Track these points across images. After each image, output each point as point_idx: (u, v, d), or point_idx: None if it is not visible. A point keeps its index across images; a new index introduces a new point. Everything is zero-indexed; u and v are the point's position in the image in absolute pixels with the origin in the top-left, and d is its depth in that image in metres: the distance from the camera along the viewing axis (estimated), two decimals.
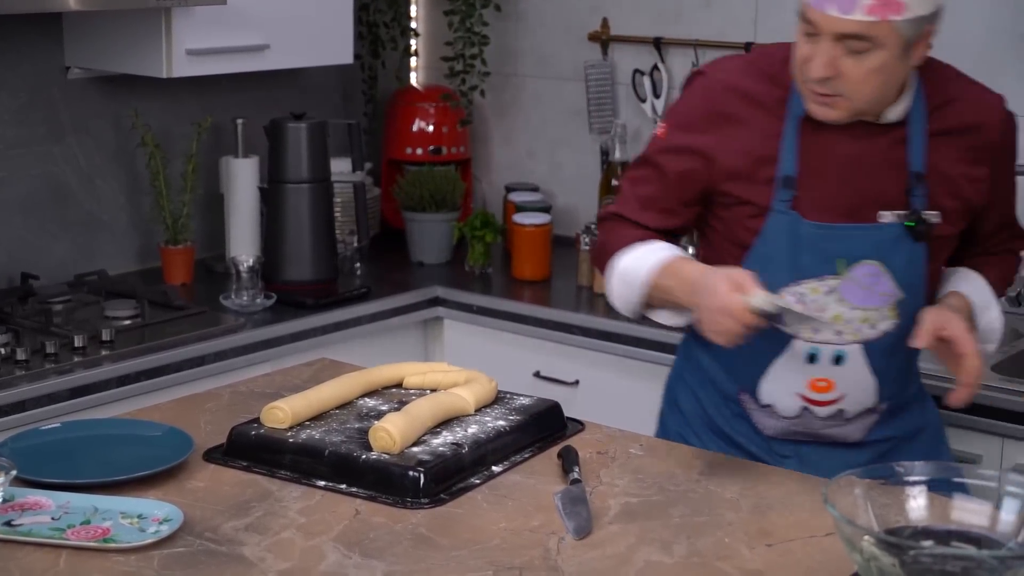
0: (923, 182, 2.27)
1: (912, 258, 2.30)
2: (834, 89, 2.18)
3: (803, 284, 2.29)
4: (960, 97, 2.32)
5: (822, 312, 2.28)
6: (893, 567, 1.56)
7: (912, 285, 2.31)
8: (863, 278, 2.28)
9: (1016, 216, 2.49)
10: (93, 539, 1.87)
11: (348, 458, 2.10)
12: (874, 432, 2.41)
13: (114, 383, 2.98)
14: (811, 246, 2.28)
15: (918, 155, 2.27)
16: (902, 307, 2.31)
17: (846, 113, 2.22)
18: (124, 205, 3.69)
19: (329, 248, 3.59)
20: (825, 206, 2.27)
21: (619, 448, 2.27)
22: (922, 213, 2.28)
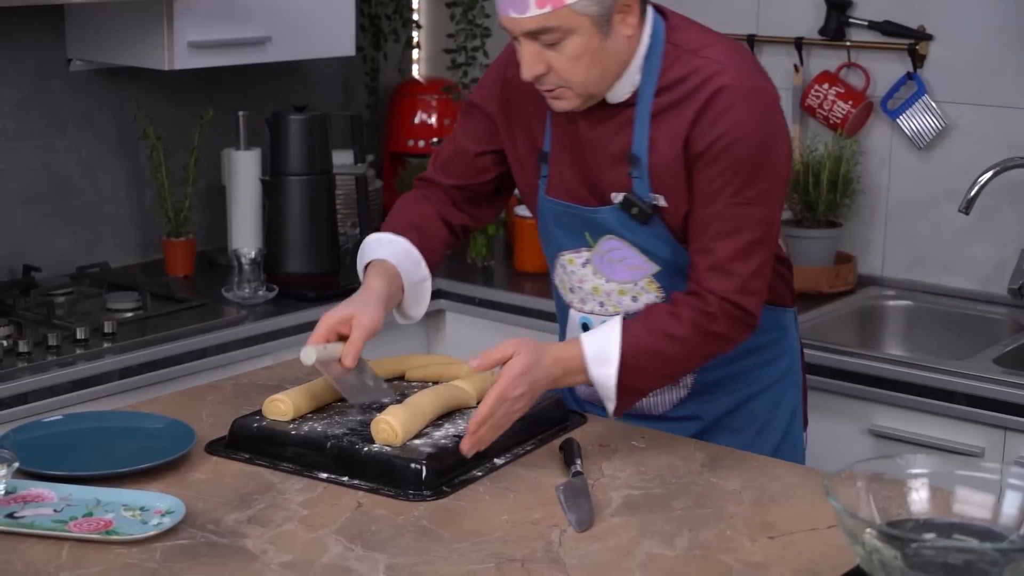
0: (641, 165, 2.22)
1: (653, 236, 2.25)
2: (552, 83, 2.17)
3: (562, 255, 2.36)
4: (697, 75, 2.19)
5: (583, 283, 2.33)
6: (895, 560, 1.56)
7: (665, 260, 2.27)
8: (611, 252, 2.29)
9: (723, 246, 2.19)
10: (95, 531, 1.87)
11: (350, 451, 2.10)
12: (679, 409, 2.39)
13: (116, 375, 2.98)
14: (556, 221, 2.34)
15: (640, 136, 2.22)
16: (663, 281, 2.29)
17: (579, 101, 2.19)
18: (126, 197, 3.69)
19: (331, 240, 3.59)
20: (566, 185, 2.31)
21: (621, 440, 2.27)
22: (634, 197, 2.22)
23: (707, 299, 2.18)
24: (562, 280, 2.40)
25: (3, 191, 3.43)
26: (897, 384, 2.96)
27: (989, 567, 1.56)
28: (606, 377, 2.17)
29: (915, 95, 3.47)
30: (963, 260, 3.49)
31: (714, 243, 2.18)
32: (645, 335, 2.17)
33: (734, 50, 2.24)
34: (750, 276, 2.19)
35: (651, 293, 2.30)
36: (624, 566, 1.83)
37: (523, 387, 2.10)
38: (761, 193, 2.18)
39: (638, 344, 2.16)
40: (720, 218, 2.18)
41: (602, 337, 2.18)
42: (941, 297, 3.47)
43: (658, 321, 2.19)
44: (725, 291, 2.18)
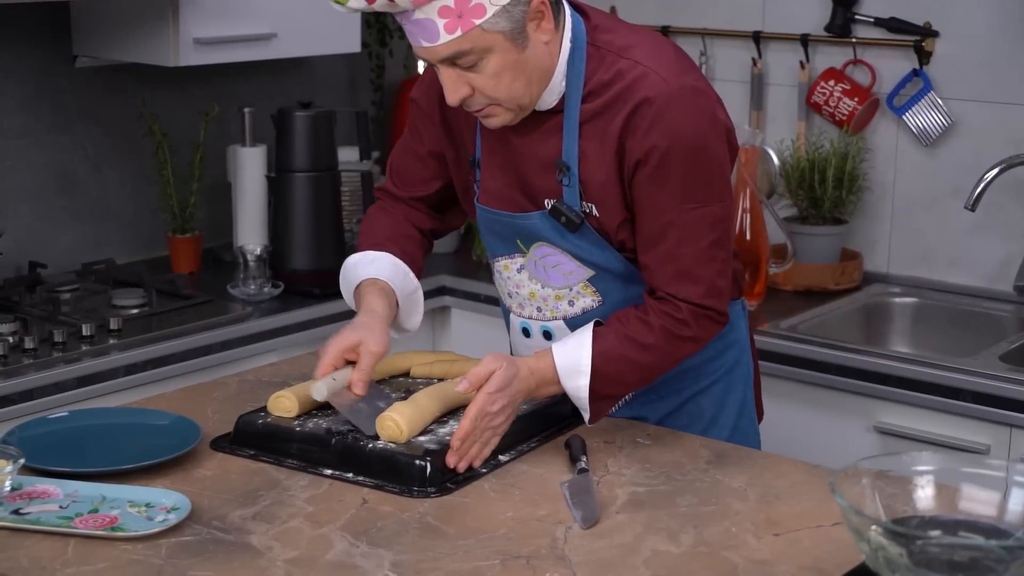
0: (571, 173, 2.18)
1: (585, 242, 2.23)
2: (480, 103, 2.13)
3: (498, 261, 2.35)
4: (622, 79, 2.13)
5: (520, 288, 2.33)
6: (900, 557, 1.56)
7: (598, 265, 2.25)
8: (544, 258, 2.28)
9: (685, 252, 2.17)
10: (101, 527, 1.88)
11: (354, 447, 2.10)
12: (624, 410, 2.38)
13: (122, 372, 2.98)
14: (489, 228, 2.34)
15: (569, 145, 2.18)
16: (599, 285, 2.27)
17: (511, 115, 2.15)
18: (131, 194, 3.69)
19: (336, 237, 3.59)
20: (498, 191, 2.28)
21: (626, 437, 2.27)
22: (562, 206, 2.19)
23: (677, 305, 2.18)
24: (500, 285, 2.39)
25: (9, 187, 3.43)
26: (903, 381, 2.95)
27: (995, 564, 1.56)
28: (578, 389, 2.18)
29: (921, 92, 3.47)
30: (969, 257, 3.49)
31: (675, 251, 2.16)
32: (616, 344, 2.17)
33: (658, 48, 2.17)
34: (715, 277, 2.19)
35: (587, 297, 2.29)
36: (629, 563, 1.83)
37: (502, 401, 2.10)
38: (711, 192, 2.15)
39: (609, 353, 2.17)
40: (676, 226, 2.15)
41: (573, 348, 2.18)
42: (947, 294, 3.47)
43: (629, 329, 2.18)
44: (694, 296, 2.18)
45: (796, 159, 3.60)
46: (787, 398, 3.11)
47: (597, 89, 2.15)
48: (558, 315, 2.31)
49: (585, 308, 2.29)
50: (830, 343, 3.08)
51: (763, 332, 3.16)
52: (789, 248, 3.44)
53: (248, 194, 3.65)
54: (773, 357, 3.10)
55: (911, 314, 3.49)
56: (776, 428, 3.00)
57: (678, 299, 2.18)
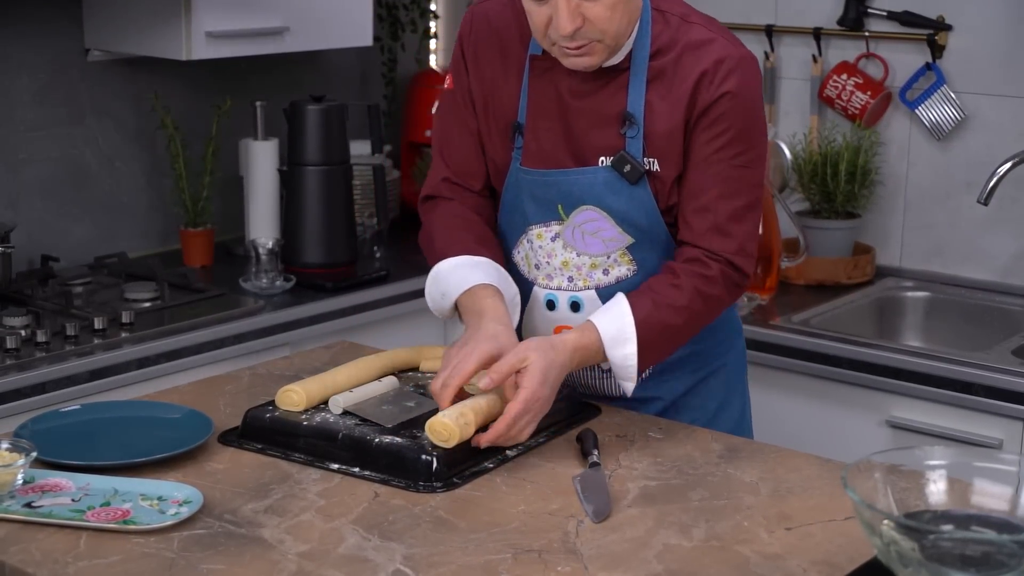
0: (636, 124, 2.23)
1: (635, 203, 2.25)
2: (585, 37, 2.15)
3: (531, 230, 2.33)
4: (687, 41, 2.23)
5: (551, 258, 2.31)
6: (913, 551, 1.56)
7: (641, 230, 2.27)
8: (584, 224, 2.28)
9: (723, 206, 2.23)
10: (113, 521, 1.88)
11: (362, 441, 2.10)
12: (640, 390, 2.35)
13: (134, 365, 2.98)
14: (530, 193, 2.31)
15: (636, 98, 2.23)
16: (636, 253, 2.29)
17: (605, 56, 2.20)
18: (144, 187, 3.69)
19: (348, 231, 3.59)
20: (545, 152, 2.28)
21: (638, 431, 2.27)
22: (628, 155, 2.23)
23: (707, 263, 2.23)
24: (527, 256, 2.36)
25: (22, 181, 3.43)
26: (915, 375, 2.95)
27: (1007, 559, 1.56)
28: (626, 357, 2.19)
29: (934, 86, 3.46)
30: (981, 251, 3.48)
31: (715, 204, 2.23)
32: (654, 310, 2.20)
33: (711, 19, 2.28)
34: (746, 238, 2.25)
35: (623, 266, 2.29)
36: (641, 557, 1.82)
37: (545, 392, 2.11)
38: (755, 158, 2.25)
39: (649, 320, 2.19)
40: (721, 179, 2.22)
41: (615, 317, 2.19)
42: (959, 288, 3.47)
43: (662, 294, 2.21)
44: (725, 251, 2.23)
45: (809, 153, 3.60)
46: (799, 392, 3.10)
47: (664, 48, 2.23)
48: (591, 284, 2.31)
49: (620, 277, 2.30)
50: (842, 337, 3.07)
51: (775, 326, 3.15)
52: (801, 242, 3.44)
53: (260, 188, 3.65)
54: (785, 351, 3.10)
55: (924, 308, 3.48)
56: (788, 422, 3.00)
57: (710, 253, 2.23)
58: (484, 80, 2.34)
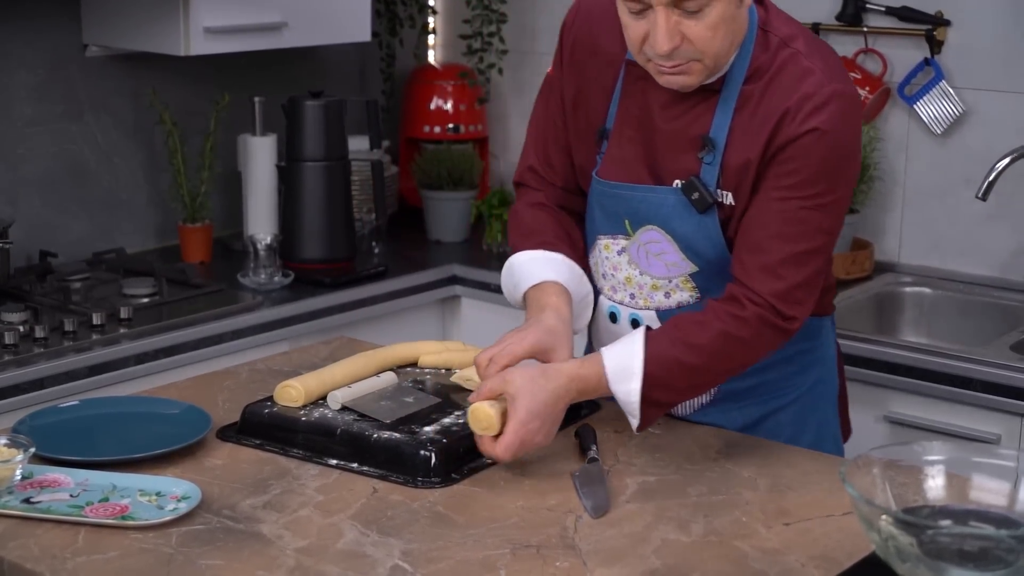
0: (715, 151, 2.11)
1: (702, 231, 2.14)
2: (682, 56, 2.03)
3: (600, 240, 2.26)
4: (785, 67, 2.09)
5: (616, 271, 2.24)
6: (911, 546, 1.56)
7: (707, 260, 2.16)
8: (649, 244, 2.19)
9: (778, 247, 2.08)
10: (111, 516, 1.88)
11: (360, 437, 2.10)
12: (700, 414, 2.30)
13: (132, 361, 2.98)
14: (599, 203, 2.24)
15: (720, 123, 2.11)
16: (699, 281, 2.18)
17: (703, 76, 2.07)
18: (142, 183, 3.69)
19: (347, 226, 3.59)
20: (624, 163, 2.20)
21: None
22: (698, 182, 2.12)
23: (742, 303, 2.08)
24: (596, 264, 2.29)
25: (20, 176, 3.43)
26: (913, 371, 2.95)
27: (1005, 554, 1.56)
28: (629, 393, 2.06)
29: (932, 81, 3.46)
30: (980, 247, 3.48)
31: (770, 243, 2.08)
32: (669, 346, 2.07)
33: (819, 45, 2.13)
34: (799, 284, 2.09)
35: (685, 292, 2.20)
36: (639, 552, 1.82)
37: (538, 424, 2.02)
38: (832, 202, 2.09)
39: (662, 356, 2.06)
40: (783, 219, 2.07)
41: (624, 351, 2.07)
42: (958, 283, 3.46)
43: (682, 331, 2.08)
44: (768, 293, 2.07)
45: None
46: None
47: (758, 73, 2.10)
48: (651, 305, 2.22)
49: (681, 302, 2.20)
50: (841, 332, 3.06)
51: None
52: None
53: (259, 183, 3.65)
54: None
55: (922, 304, 3.48)
56: None
57: (750, 293, 2.08)
58: (578, 77, 2.25)
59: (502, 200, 3.74)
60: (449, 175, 3.89)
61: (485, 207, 3.77)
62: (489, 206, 3.76)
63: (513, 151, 4.23)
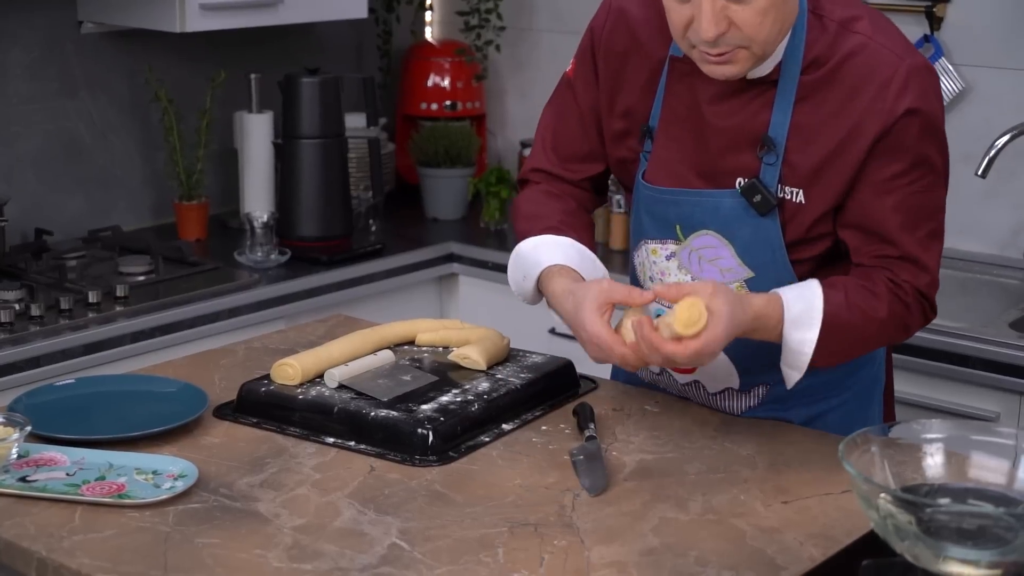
0: (776, 150, 2.02)
1: (760, 235, 2.06)
2: (728, 43, 1.93)
3: (646, 244, 2.17)
4: (853, 53, 1.99)
5: (664, 276, 2.15)
6: (909, 524, 1.56)
7: (764, 265, 2.07)
8: (702, 249, 2.11)
9: (907, 238, 2.03)
10: (108, 495, 1.88)
11: (357, 415, 2.10)
12: (753, 411, 2.23)
13: (128, 339, 2.98)
14: (647, 208, 2.15)
15: (780, 119, 2.02)
16: (755, 289, 2.07)
17: (749, 64, 1.97)
18: (138, 161, 3.68)
19: (344, 204, 3.59)
20: (671, 166, 2.11)
21: (634, 405, 2.27)
22: (760, 184, 2.03)
23: (904, 288, 2.02)
24: (643, 266, 2.20)
25: (15, 154, 3.43)
26: (912, 349, 2.95)
27: (1004, 532, 1.56)
28: (803, 343, 1.97)
29: (932, 58, 3.45)
30: (979, 224, 3.48)
31: (898, 236, 2.01)
32: (846, 309, 1.98)
33: (881, 22, 2.04)
34: (936, 269, 2.05)
35: None
36: (637, 530, 1.83)
37: (717, 347, 1.89)
38: (939, 180, 2.04)
39: (839, 315, 1.97)
40: (901, 209, 2.00)
41: (804, 299, 1.97)
42: (957, 261, 3.46)
43: (858, 297, 1.99)
44: (920, 285, 2.03)
45: None
46: None
47: (819, 61, 2.00)
48: None
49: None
50: None
51: None
52: None
53: (255, 161, 3.64)
54: None
55: None
56: None
57: (905, 282, 2.02)
58: (612, 79, 2.16)
59: (500, 177, 3.74)
60: (446, 152, 3.89)
61: (482, 184, 3.77)
62: (487, 183, 3.75)
63: (511, 128, 4.23)
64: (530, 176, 2.30)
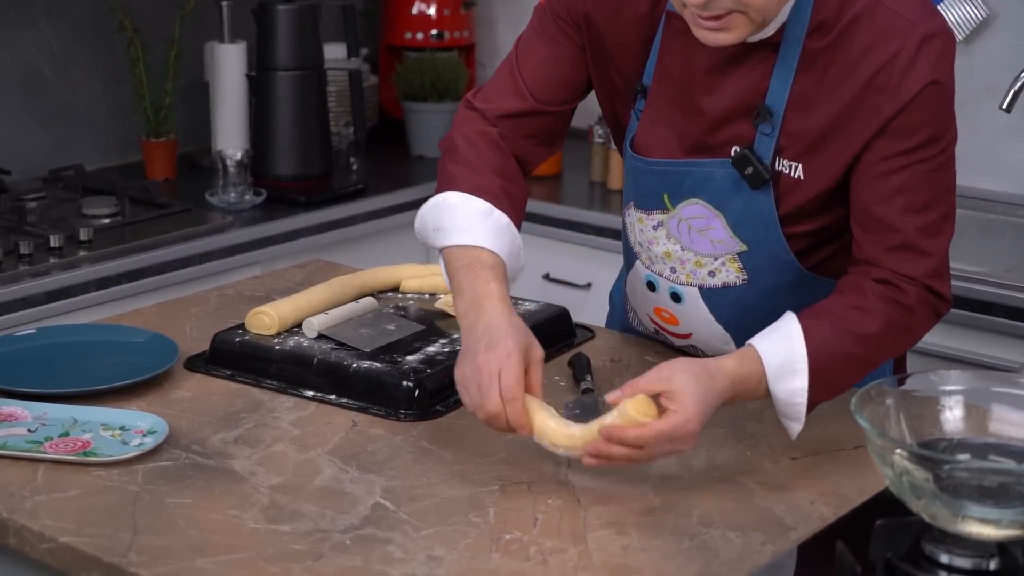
0: (773, 120, 1.98)
1: (753, 208, 2.03)
2: (721, 7, 1.86)
3: (632, 211, 2.16)
4: (860, 18, 1.93)
5: (652, 245, 2.12)
6: (927, 482, 1.56)
7: (757, 239, 2.05)
8: (691, 219, 2.08)
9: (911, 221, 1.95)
10: (72, 452, 1.88)
11: (338, 367, 2.10)
12: None
13: (93, 286, 2.98)
14: (633, 176, 2.14)
15: (780, 86, 1.97)
16: (748, 263, 2.07)
17: (745, 32, 1.90)
18: (102, 95, 3.67)
19: (323, 141, 3.58)
20: (659, 134, 2.09)
21: (634, 355, 2.27)
22: (753, 155, 2.00)
23: (902, 288, 1.95)
24: (631, 229, 2.18)
25: None
26: None
27: None
28: (794, 393, 1.89)
29: None
30: (1003, 162, 3.47)
31: (901, 219, 1.94)
32: (832, 337, 1.91)
33: None
34: (943, 255, 1.98)
35: (732, 272, 2.09)
36: (636, 489, 1.83)
37: (695, 425, 1.80)
38: (950, 157, 1.97)
39: (826, 350, 1.90)
40: (907, 189, 1.94)
41: (783, 346, 1.90)
42: (978, 201, 3.46)
43: (844, 319, 1.93)
44: (921, 275, 1.95)
45: None
46: None
47: (825, 25, 1.94)
48: (694, 282, 2.12)
49: (727, 283, 2.10)
50: None
51: None
52: None
53: (227, 95, 3.63)
54: None
55: None
56: None
57: (904, 278, 1.95)
58: (604, 27, 2.10)
59: None
60: (433, 85, 3.88)
61: None
62: None
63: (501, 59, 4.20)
64: (483, 109, 2.18)
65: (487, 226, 2.03)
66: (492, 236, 2.02)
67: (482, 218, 2.03)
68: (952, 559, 1.57)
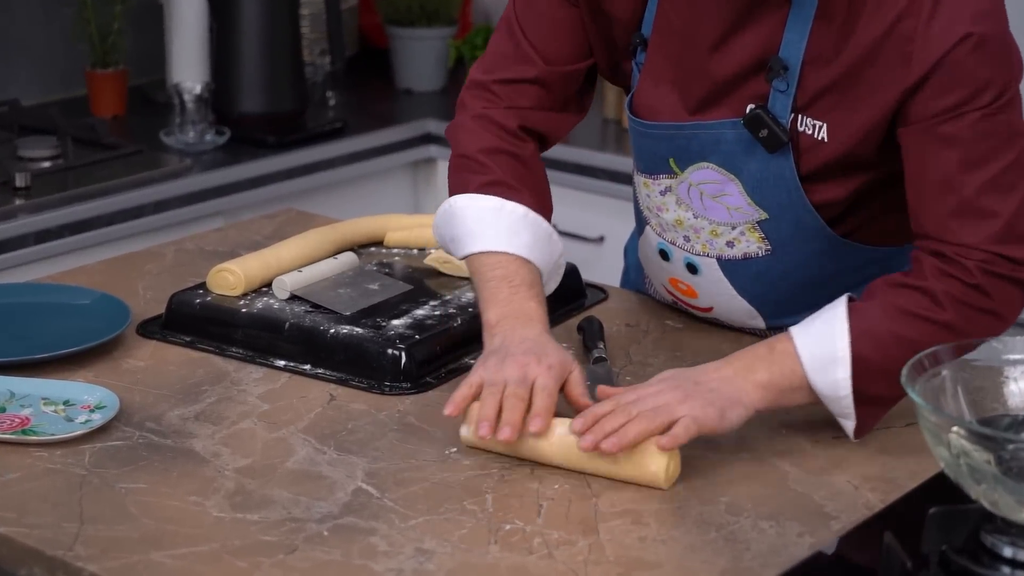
0: (790, 75, 1.98)
1: (771, 171, 2.04)
2: None
3: (638, 176, 2.19)
4: None
5: (662, 212, 2.15)
6: (987, 464, 1.57)
7: (780, 207, 2.06)
8: (703, 184, 2.09)
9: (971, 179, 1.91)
10: (10, 431, 1.89)
11: (313, 332, 2.11)
12: None
13: (31, 239, 2.98)
14: (636, 141, 2.17)
15: (795, 38, 1.97)
16: (770, 232, 2.08)
17: None
18: (41, 19, 3.66)
19: (295, 72, 3.57)
20: (660, 94, 2.10)
21: (653, 320, 2.28)
22: (767, 115, 2.00)
23: (964, 264, 1.90)
24: (640, 192, 2.21)
25: None
26: None
27: None
28: (836, 385, 1.88)
29: None
30: None
31: (958, 178, 1.90)
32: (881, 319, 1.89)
33: None
34: (1014, 214, 1.91)
35: (753, 242, 2.10)
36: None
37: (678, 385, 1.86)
38: (1013, 97, 1.92)
39: (874, 332, 1.88)
40: (962, 142, 1.90)
41: (822, 330, 1.90)
42: None
43: (900, 299, 1.91)
44: (982, 240, 1.90)
45: None
46: None
47: None
48: (711, 252, 2.14)
49: (748, 254, 2.11)
50: None
51: None
52: None
53: (185, 19, 3.62)
54: None
55: None
56: None
57: (963, 249, 1.90)
58: None
59: (487, 39, 3.72)
60: (421, 8, 3.87)
61: (466, 48, 3.76)
62: (471, 47, 3.75)
63: None
64: (485, 82, 2.21)
65: (500, 225, 2.06)
66: (506, 235, 2.06)
67: (493, 217, 2.07)
68: (1016, 552, 1.58)
